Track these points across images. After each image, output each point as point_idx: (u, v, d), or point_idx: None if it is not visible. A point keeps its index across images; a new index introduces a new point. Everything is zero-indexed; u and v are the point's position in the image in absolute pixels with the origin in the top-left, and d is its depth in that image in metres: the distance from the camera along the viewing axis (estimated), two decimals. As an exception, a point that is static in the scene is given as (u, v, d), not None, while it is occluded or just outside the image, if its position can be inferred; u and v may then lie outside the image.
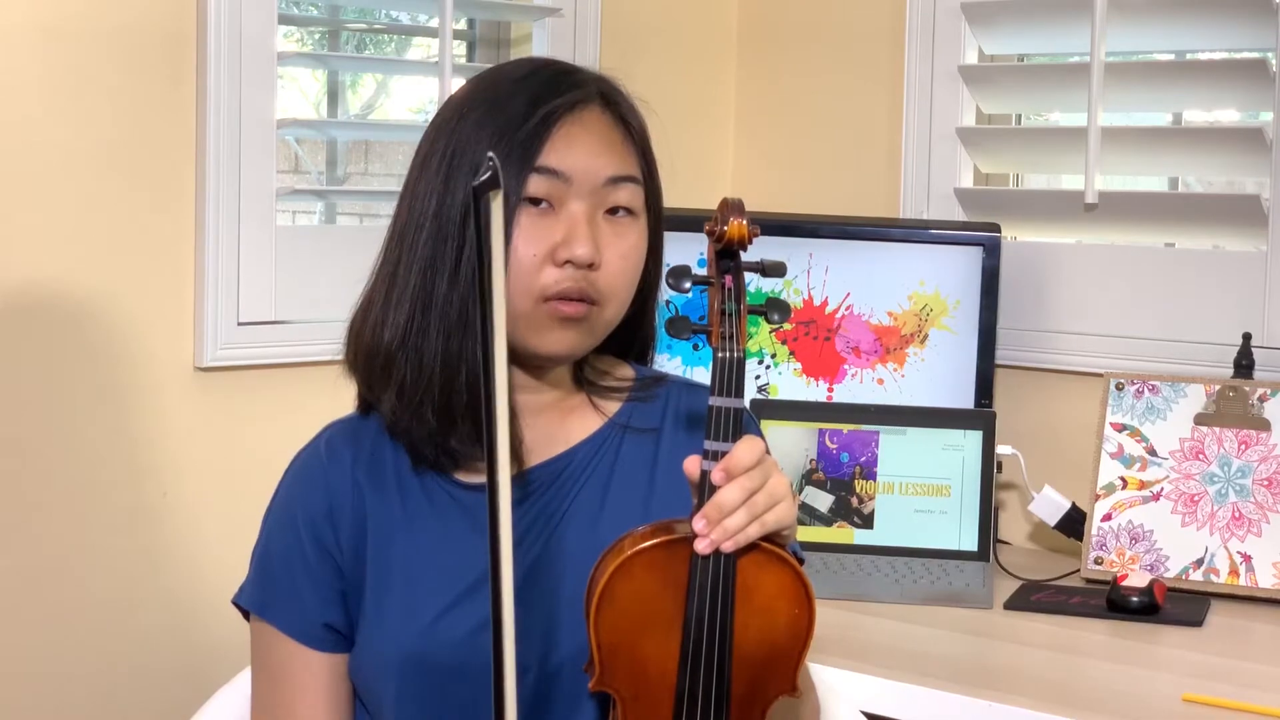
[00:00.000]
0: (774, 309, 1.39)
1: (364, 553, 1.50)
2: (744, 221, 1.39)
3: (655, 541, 1.37)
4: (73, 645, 2.14)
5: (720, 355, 1.36)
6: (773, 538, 1.37)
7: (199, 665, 2.22)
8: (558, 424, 1.55)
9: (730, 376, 1.35)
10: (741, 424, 1.35)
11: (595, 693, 1.40)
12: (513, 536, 1.48)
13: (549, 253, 1.44)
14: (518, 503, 1.50)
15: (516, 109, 1.46)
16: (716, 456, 1.33)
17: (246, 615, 1.57)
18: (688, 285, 1.38)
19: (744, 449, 1.33)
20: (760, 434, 1.64)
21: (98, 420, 2.15)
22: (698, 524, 1.33)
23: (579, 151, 1.46)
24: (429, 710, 1.48)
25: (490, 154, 1.23)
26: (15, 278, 2.07)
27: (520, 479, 1.51)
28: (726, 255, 1.41)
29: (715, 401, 1.34)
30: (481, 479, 1.50)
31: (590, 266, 1.45)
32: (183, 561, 2.24)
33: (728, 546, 1.33)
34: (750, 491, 1.33)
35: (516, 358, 1.49)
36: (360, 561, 1.50)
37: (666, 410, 1.59)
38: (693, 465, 1.35)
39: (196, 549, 2.25)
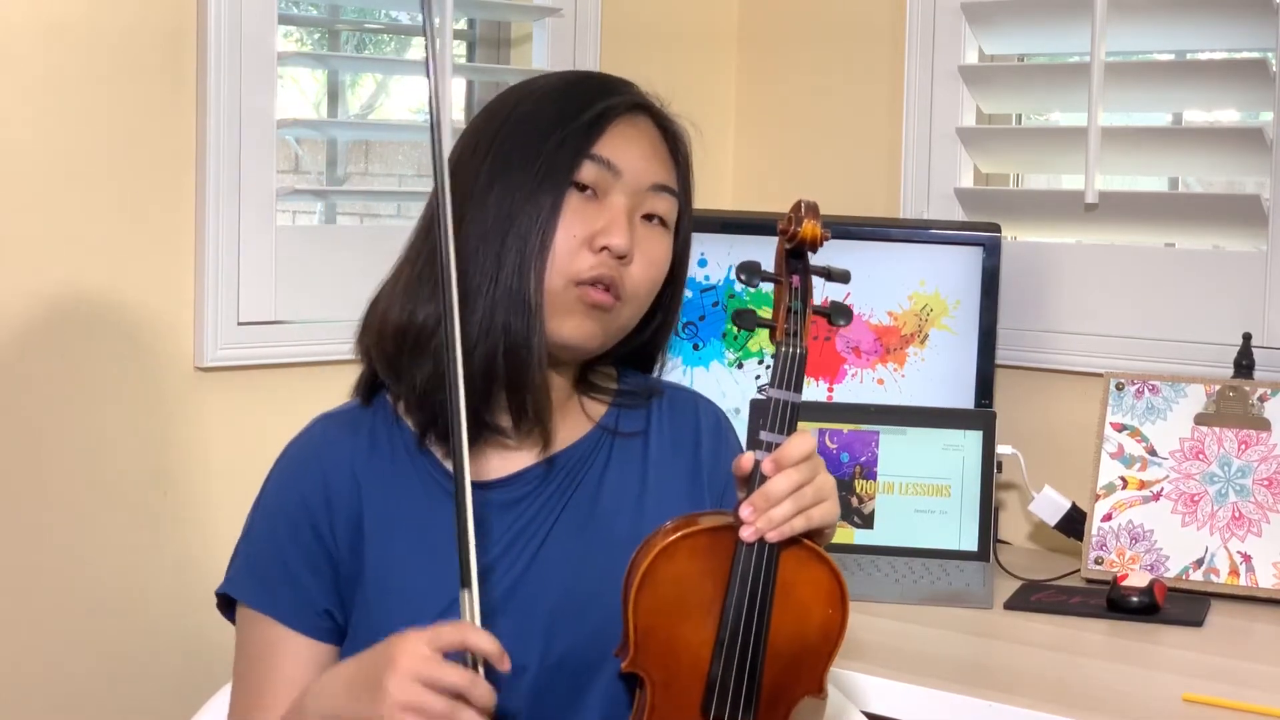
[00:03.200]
0: (838, 313, 1.44)
1: (360, 543, 1.50)
2: (818, 224, 1.43)
3: (701, 527, 1.39)
4: (73, 644, 2.14)
5: (783, 350, 1.40)
6: (813, 536, 1.39)
7: (200, 665, 2.22)
8: (559, 420, 1.55)
9: (791, 370, 1.39)
10: (797, 418, 1.38)
11: (626, 674, 1.42)
12: (509, 534, 1.50)
13: (588, 238, 1.48)
14: (516, 501, 1.52)
15: (574, 102, 1.51)
16: (769, 447, 1.37)
17: (228, 607, 1.56)
18: (758, 281, 1.43)
19: (796, 442, 1.37)
20: (735, 434, 1.65)
21: (98, 420, 2.15)
22: (744, 511, 1.36)
23: (632, 150, 1.51)
24: None
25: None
26: (15, 278, 2.07)
27: (517, 478, 1.53)
28: (796, 255, 1.44)
29: (773, 393, 1.38)
30: (487, 476, 1.52)
31: (623, 259, 1.48)
32: (183, 561, 2.24)
33: (772, 536, 1.36)
34: (799, 484, 1.36)
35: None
36: (356, 552, 1.50)
37: (651, 413, 1.61)
38: (746, 459, 1.38)
39: (196, 548, 2.25)
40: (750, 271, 1.42)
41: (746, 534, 1.36)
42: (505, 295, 1.46)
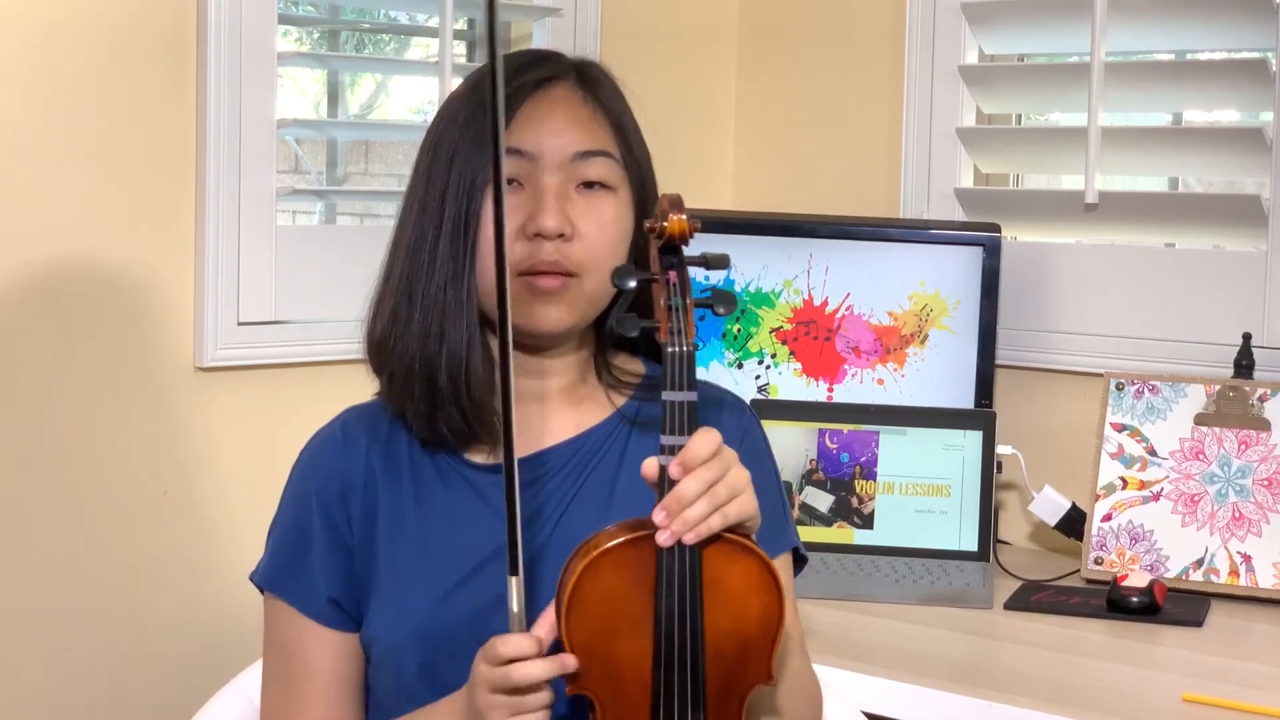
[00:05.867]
0: (719, 301, 1.40)
1: (375, 533, 1.53)
2: (684, 217, 1.40)
3: (620, 540, 1.37)
4: (72, 644, 2.14)
5: (670, 350, 1.36)
6: (736, 529, 1.38)
7: (199, 665, 2.22)
8: (567, 411, 1.57)
9: (681, 370, 1.36)
10: (696, 417, 1.36)
11: (573, 697, 1.40)
12: (522, 517, 1.50)
13: (519, 228, 1.49)
14: (528, 484, 1.53)
15: (482, 96, 1.51)
16: (673, 451, 1.34)
17: (263, 593, 1.59)
18: (631, 283, 1.39)
19: (699, 441, 1.34)
20: (762, 431, 1.64)
21: (98, 420, 2.15)
22: (658, 515, 1.34)
23: (544, 129, 1.51)
24: (443, 687, 1.49)
25: None
26: (14, 278, 2.07)
27: (531, 461, 1.54)
28: (669, 251, 1.42)
29: (668, 396, 1.35)
30: (491, 459, 1.54)
31: (561, 237, 1.49)
32: (182, 561, 2.24)
33: (689, 538, 1.34)
34: (710, 482, 1.34)
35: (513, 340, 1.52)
36: (371, 541, 1.53)
37: None
38: (650, 465, 1.36)
39: (196, 548, 2.25)
40: (623, 274, 1.39)
41: (663, 539, 1.33)
42: (439, 304, 1.50)
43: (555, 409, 1.57)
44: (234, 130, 2.23)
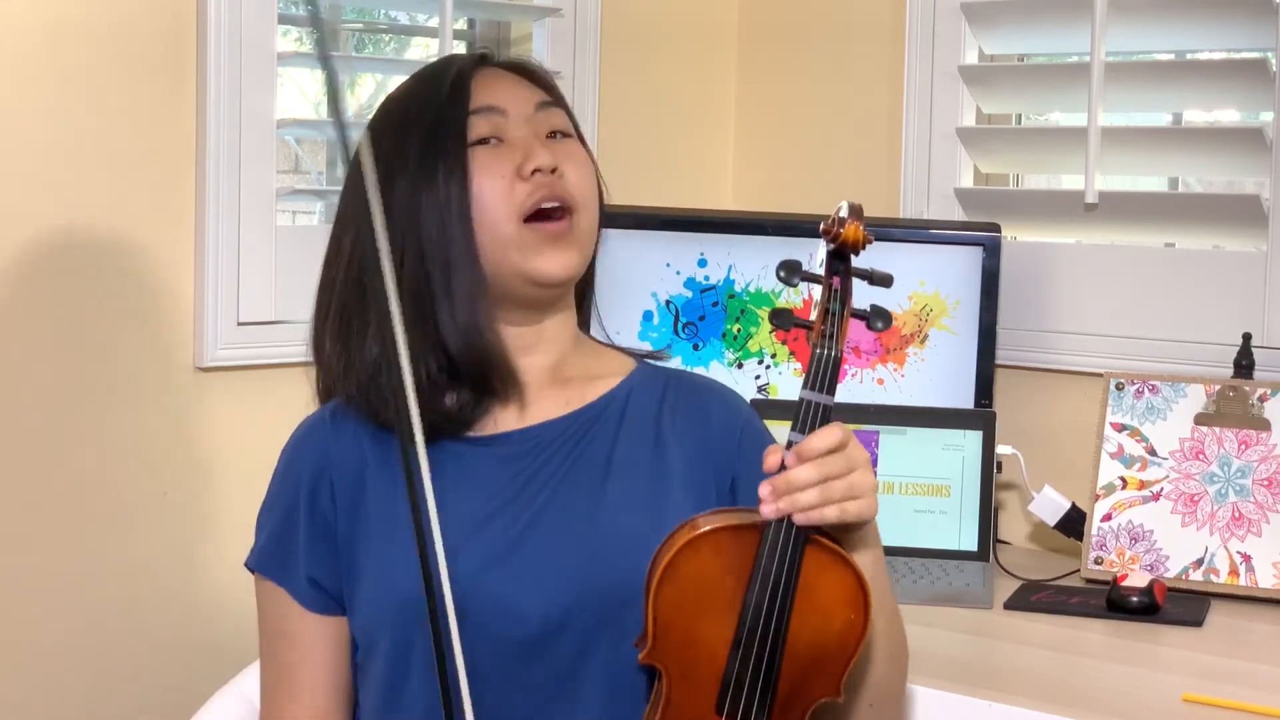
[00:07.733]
0: (878, 316, 1.43)
1: (363, 512, 1.54)
2: (861, 226, 1.42)
3: (726, 524, 1.39)
4: (71, 645, 2.14)
5: (818, 352, 1.40)
6: (848, 534, 1.40)
7: (199, 665, 2.22)
8: (554, 390, 1.60)
9: (824, 373, 1.39)
10: (829, 420, 1.38)
11: (644, 665, 1.42)
12: (514, 487, 1.53)
13: (514, 173, 1.52)
14: (518, 458, 1.55)
15: (431, 84, 1.58)
16: None
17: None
18: (797, 281, 1.42)
19: (821, 434, 1.37)
20: (762, 424, 1.66)
21: (97, 420, 2.15)
22: (762, 490, 1.35)
23: (502, 89, 1.57)
24: (429, 664, 1.50)
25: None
26: (14, 276, 2.07)
27: (520, 435, 1.56)
28: (838, 257, 1.44)
29: (805, 395, 1.38)
30: (484, 432, 1.56)
31: (555, 172, 1.53)
32: (182, 561, 2.24)
33: (799, 519, 1.35)
34: (827, 475, 1.36)
35: (518, 304, 1.55)
36: (357, 522, 1.54)
37: (666, 391, 1.64)
38: (771, 457, 1.38)
39: (196, 549, 2.25)
40: (791, 270, 1.42)
41: (766, 510, 1.35)
42: (442, 277, 1.51)
43: (542, 387, 1.59)
44: (234, 130, 2.23)
